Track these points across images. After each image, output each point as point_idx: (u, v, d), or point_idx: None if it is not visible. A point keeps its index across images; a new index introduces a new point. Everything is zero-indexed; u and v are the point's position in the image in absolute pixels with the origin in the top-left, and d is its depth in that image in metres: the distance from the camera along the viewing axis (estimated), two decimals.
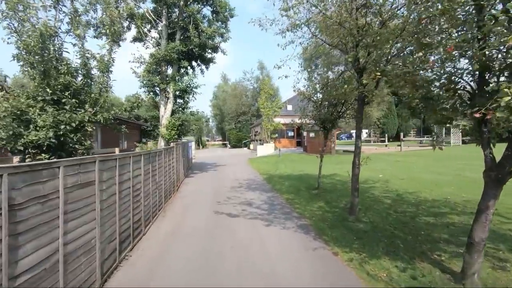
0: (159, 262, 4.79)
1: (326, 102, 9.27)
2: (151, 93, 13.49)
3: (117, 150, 9.41)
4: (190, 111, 14.03)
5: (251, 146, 37.67)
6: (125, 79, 47.39)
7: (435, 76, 3.53)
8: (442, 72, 3.39)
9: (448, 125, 4.03)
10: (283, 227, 6.40)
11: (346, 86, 6.41)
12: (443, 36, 3.45)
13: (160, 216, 7.60)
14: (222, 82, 59.57)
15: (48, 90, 5.25)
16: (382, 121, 36.44)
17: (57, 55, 5.64)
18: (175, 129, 12.55)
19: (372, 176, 12.20)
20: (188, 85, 13.03)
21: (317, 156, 10.30)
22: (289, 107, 34.70)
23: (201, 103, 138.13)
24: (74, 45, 6.00)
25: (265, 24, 7.26)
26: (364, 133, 39.08)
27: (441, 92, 3.60)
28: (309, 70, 8.95)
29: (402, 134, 26.95)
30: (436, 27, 3.63)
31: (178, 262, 4.78)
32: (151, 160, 7.02)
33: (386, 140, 28.96)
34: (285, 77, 8.28)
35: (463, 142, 28.57)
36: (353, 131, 48.39)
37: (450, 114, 3.61)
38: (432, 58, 3.55)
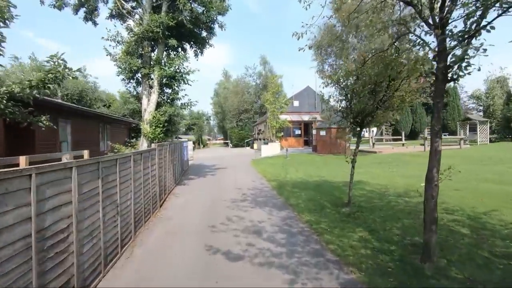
0: None
1: (365, 87, 6.60)
2: (132, 81, 10.84)
3: (86, 153, 6.82)
4: (181, 103, 11.30)
5: (255, 145, 35.07)
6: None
7: None
8: None
9: None
10: None
11: (422, 51, 3.76)
12: None
13: (123, 257, 4.99)
14: (223, 79, 57.04)
15: None
16: (394, 118, 33.57)
17: None
18: (161, 126, 9.89)
19: (411, 185, 9.53)
20: (177, 70, 10.33)
21: (347, 161, 7.67)
22: (296, 103, 32.16)
23: (201, 101, 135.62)
24: None
25: None
26: (372, 131, 36.39)
27: None
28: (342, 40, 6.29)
29: (426, 131, 24.18)
30: None
31: None
32: (102, 174, 4.43)
33: (403, 138, 26.10)
34: (309, 48, 5.66)
35: (490, 140, 25.94)
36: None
37: None
38: None
